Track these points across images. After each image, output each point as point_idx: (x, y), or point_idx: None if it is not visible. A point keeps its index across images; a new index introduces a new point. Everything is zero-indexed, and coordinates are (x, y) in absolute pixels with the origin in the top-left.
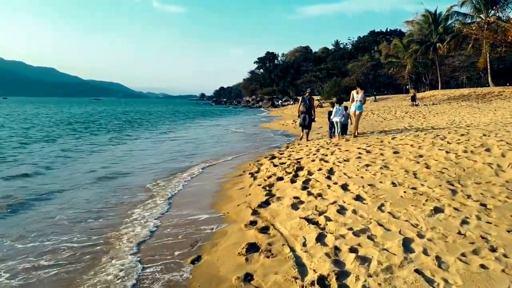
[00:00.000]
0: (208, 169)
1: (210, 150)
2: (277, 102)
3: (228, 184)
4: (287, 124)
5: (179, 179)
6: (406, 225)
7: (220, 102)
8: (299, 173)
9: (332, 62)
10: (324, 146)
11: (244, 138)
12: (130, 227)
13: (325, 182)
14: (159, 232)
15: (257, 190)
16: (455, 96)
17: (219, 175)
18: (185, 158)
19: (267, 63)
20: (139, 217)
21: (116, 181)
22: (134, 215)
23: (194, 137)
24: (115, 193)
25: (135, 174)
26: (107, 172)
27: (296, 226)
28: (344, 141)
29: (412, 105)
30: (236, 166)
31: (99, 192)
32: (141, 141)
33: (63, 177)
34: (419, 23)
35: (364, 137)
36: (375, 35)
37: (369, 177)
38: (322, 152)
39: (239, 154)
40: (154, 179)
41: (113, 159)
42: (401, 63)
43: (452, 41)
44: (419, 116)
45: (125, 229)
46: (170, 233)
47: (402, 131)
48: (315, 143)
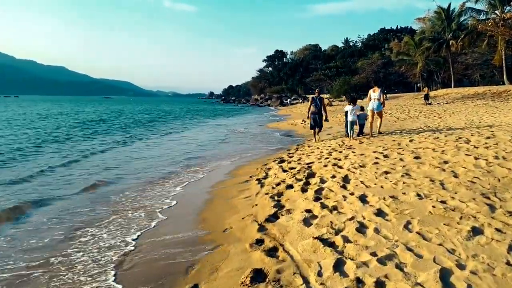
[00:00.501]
0: (213, 173)
1: (216, 152)
2: (286, 101)
3: (233, 191)
4: (296, 124)
5: (180, 183)
6: (441, 251)
7: (228, 101)
8: (310, 180)
9: (341, 60)
10: (336, 148)
11: (251, 139)
12: (110, 246)
13: (340, 192)
14: (147, 252)
15: (265, 200)
16: (469, 94)
17: (224, 181)
18: (188, 160)
19: (276, 61)
20: (122, 232)
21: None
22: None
23: (198, 137)
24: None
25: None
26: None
27: (309, 248)
28: (358, 143)
29: (425, 104)
30: (242, 169)
31: (93, 202)
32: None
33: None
34: (432, 20)
35: (378, 139)
36: (385, 32)
37: (389, 187)
38: (334, 156)
39: (244, 157)
40: (157, 180)
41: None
42: (412, 60)
43: (466, 38)
44: (434, 116)
45: (107, 250)
46: (161, 254)
47: (419, 132)
48: (327, 144)
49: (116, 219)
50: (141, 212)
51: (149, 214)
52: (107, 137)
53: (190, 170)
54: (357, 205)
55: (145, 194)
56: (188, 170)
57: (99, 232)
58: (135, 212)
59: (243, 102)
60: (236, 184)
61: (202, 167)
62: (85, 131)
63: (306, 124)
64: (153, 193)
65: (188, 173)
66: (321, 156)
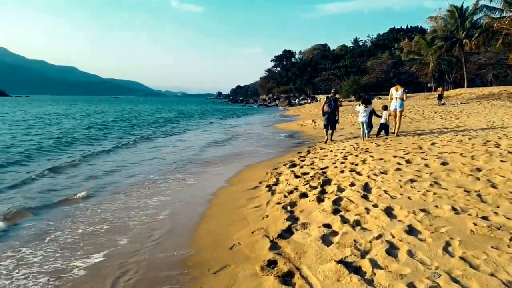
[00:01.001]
0: (217, 177)
1: (222, 154)
2: (294, 101)
3: (241, 199)
4: (305, 124)
5: (181, 188)
6: (495, 284)
7: (236, 101)
8: (326, 188)
9: (350, 60)
10: (351, 152)
11: (259, 140)
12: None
13: (362, 203)
14: (131, 275)
15: (276, 210)
16: (484, 94)
17: (231, 187)
18: (192, 163)
19: (284, 61)
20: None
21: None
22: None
23: (203, 137)
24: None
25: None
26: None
27: (331, 275)
28: (374, 145)
29: (438, 104)
30: (251, 174)
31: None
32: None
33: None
34: (445, 19)
35: (396, 142)
36: (395, 32)
37: (418, 198)
38: (351, 160)
39: (252, 160)
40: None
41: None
42: (424, 60)
43: (480, 36)
44: (450, 117)
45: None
46: (146, 280)
47: (439, 134)
48: (340, 147)
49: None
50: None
51: (139, 224)
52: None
53: (192, 173)
54: (383, 220)
55: (133, 201)
56: (191, 173)
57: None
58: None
59: (251, 102)
60: (244, 191)
61: (206, 170)
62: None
63: (316, 124)
64: (151, 200)
65: (190, 176)
66: (336, 161)
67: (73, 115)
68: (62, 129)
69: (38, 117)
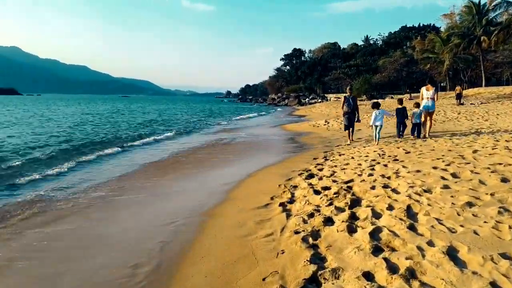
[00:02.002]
0: (217, 187)
1: (225, 157)
2: (304, 100)
3: (249, 222)
4: (318, 125)
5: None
6: None
7: (245, 100)
8: (357, 211)
9: (361, 58)
10: (377, 160)
11: (268, 143)
12: None
13: (410, 238)
14: None
15: (295, 243)
16: (505, 94)
17: (234, 201)
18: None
19: (294, 60)
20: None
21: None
22: None
23: (205, 138)
24: None
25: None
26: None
27: None
28: (403, 152)
29: (457, 104)
30: (260, 184)
31: None
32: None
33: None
34: (461, 15)
35: (429, 147)
36: (407, 30)
37: (489, 234)
38: (379, 170)
39: (262, 167)
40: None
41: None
42: (438, 58)
43: (500, 33)
44: (477, 118)
45: None
46: None
47: (473, 137)
48: (362, 153)
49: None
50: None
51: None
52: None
53: (185, 176)
54: (448, 269)
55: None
56: (181, 177)
57: None
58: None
59: (260, 101)
60: (252, 210)
61: (200, 174)
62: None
63: (330, 125)
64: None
65: (183, 180)
66: (361, 171)
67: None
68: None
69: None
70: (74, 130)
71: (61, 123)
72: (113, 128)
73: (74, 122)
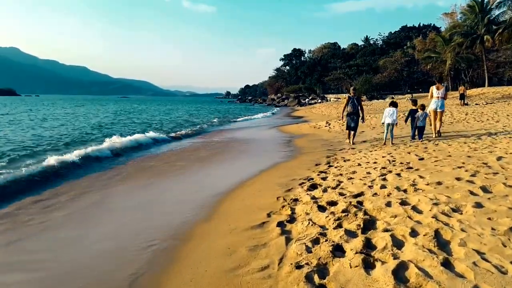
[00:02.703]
0: (204, 198)
1: (215, 157)
2: (304, 101)
3: (241, 249)
4: (319, 127)
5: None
6: None
7: (245, 100)
8: (372, 237)
9: (362, 59)
10: (388, 167)
11: (267, 146)
12: None
13: (448, 282)
14: None
15: (296, 285)
16: (510, 94)
17: (223, 218)
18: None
19: (294, 60)
20: None
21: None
22: None
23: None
24: None
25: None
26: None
27: None
28: (416, 159)
29: (461, 104)
30: (254, 197)
31: None
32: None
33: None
34: (465, 13)
35: (444, 153)
36: (407, 30)
37: None
38: (392, 181)
39: (257, 174)
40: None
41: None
42: (440, 58)
43: (505, 32)
44: (487, 119)
45: None
46: None
47: (486, 139)
48: (370, 159)
49: None
50: None
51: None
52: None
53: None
54: None
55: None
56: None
57: None
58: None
59: (259, 101)
60: (244, 231)
61: (193, 183)
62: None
63: (331, 127)
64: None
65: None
66: (372, 182)
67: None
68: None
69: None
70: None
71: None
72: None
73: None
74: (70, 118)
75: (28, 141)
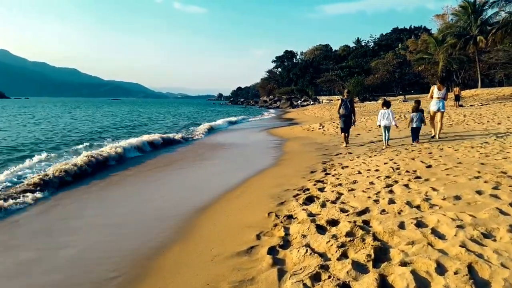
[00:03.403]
0: (190, 212)
1: (201, 163)
2: (296, 102)
3: (224, 285)
4: (312, 129)
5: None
6: None
7: (236, 102)
8: (387, 272)
9: (354, 60)
10: (393, 176)
11: (257, 151)
12: None
13: None
14: None
15: None
16: (505, 95)
17: (209, 243)
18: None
19: (285, 61)
20: None
21: None
22: None
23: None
24: None
25: None
26: None
27: None
28: (423, 166)
29: (456, 105)
30: (242, 212)
31: None
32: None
33: None
34: (458, 14)
35: (449, 158)
36: (398, 32)
37: None
38: (400, 193)
39: (246, 183)
40: None
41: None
42: (433, 59)
43: (498, 32)
44: (487, 121)
45: None
46: None
47: (495, 143)
48: (371, 166)
49: None
50: None
51: None
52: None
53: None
54: None
55: None
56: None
57: None
58: None
59: (251, 103)
60: (230, 258)
61: (174, 192)
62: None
63: (326, 129)
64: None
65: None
66: (377, 195)
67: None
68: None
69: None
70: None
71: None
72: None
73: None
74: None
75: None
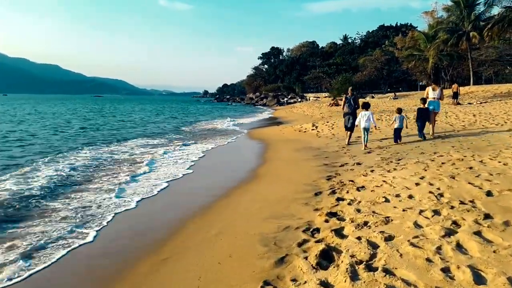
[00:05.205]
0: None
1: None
2: (283, 100)
3: None
4: (305, 130)
5: None
6: None
7: (222, 100)
8: None
9: (341, 57)
10: (440, 209)
11: (238, 162)
12: None
13: None
14: None
15: None
16: (502, 92)
17: None
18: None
19: (272, 58)
20: None
21: None
22: None
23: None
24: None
25: None
26: None
27: None
28: (472, 188)
29: (453, 103)
30: (227, 261)
31: None
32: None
33: None
34: (450, 9)
35: (500, 176)
36: (384, 29)
37: None
38: (476, 252)
39: (218, 205)
40: None
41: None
42: (423, 56)
43: (495, 27)
44: (504, 121)
45: None
46: None
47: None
48: (394, 183)
49: None
50: None
51: None
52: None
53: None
54: None
55: None
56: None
57: None
58: None
59: (237, 100)
60: None
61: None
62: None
63: (320, 130)
64: None
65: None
66: (438, 251)
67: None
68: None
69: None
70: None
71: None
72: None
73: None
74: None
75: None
